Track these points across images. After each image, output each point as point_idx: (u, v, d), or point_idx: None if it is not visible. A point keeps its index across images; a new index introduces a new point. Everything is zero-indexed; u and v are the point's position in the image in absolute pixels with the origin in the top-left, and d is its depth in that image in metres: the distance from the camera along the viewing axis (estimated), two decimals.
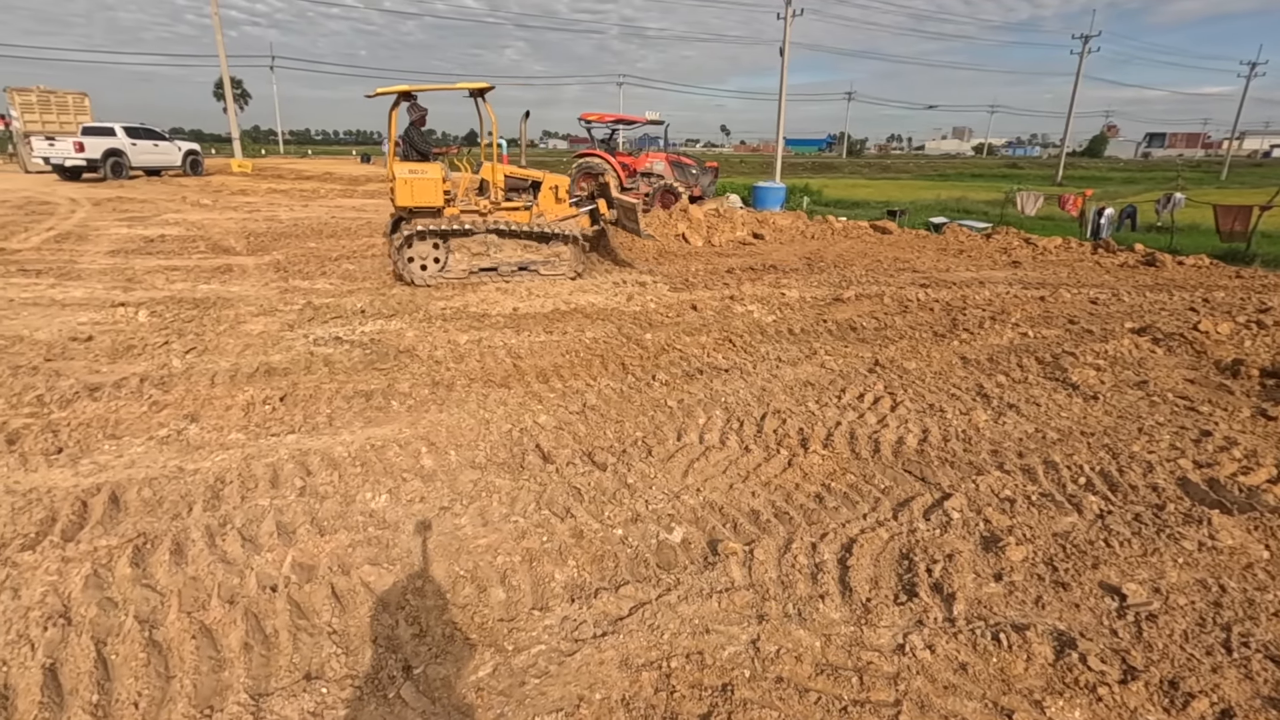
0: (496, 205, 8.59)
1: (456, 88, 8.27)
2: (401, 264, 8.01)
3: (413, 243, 7.97)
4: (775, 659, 2.29)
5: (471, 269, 8.29)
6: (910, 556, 2.88)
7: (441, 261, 8.19)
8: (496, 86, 8.11)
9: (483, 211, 8.48)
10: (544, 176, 9.11)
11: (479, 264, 8.31)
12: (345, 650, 2.34)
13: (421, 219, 8.03)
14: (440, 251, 8.15)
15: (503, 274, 8.46)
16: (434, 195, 8.04)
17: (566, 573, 2.79)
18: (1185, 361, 5.58)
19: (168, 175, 24.18)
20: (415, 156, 8.17)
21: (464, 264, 8.24)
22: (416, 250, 8.03)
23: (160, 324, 6.14)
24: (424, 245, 8.05)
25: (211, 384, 4.74)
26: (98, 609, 2.46)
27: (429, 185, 7.98)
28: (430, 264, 8.14)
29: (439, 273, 8.18)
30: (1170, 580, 2.72)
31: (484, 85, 8.08)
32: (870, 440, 4.04)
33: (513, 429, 4.12)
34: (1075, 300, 7.92)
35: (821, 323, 6.75)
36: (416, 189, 7.95)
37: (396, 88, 8.04)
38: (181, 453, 3.74)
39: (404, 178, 7.91)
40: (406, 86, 8.08)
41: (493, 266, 8.39)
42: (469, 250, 8.23)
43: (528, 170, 9.27)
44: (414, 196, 7.97)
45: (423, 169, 8.00)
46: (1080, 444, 4.02)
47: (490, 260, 8.36)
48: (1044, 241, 12.10)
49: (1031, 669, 2.25)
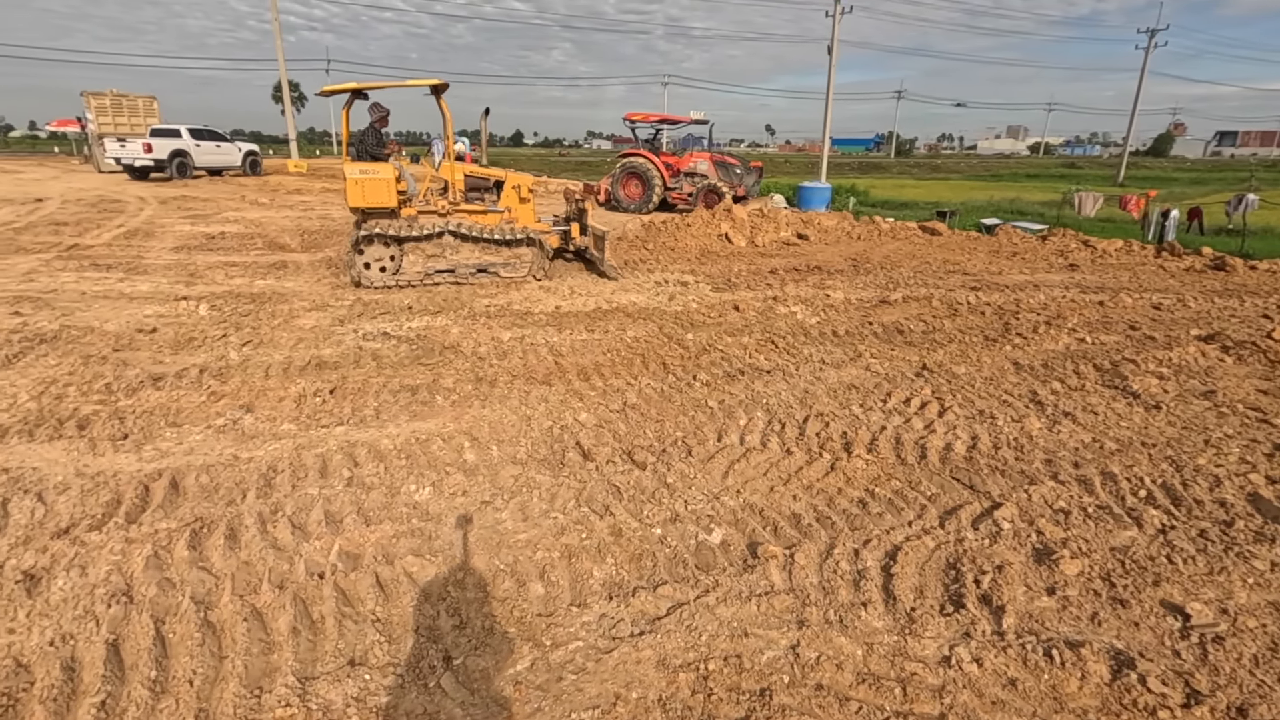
0: (455, 206, 8.36)
1: (412, 84, 8.00)
2: (356, 268, 7.78)
3: (364, 247, 7.76)
4: (815, 665, 2.25)
5: (427, 271, 8.03)
6: (957, 566, 2.80)
7: (396, 264, 7.93)
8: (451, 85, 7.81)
9: (441, 212, 8.23)
10: (506, 175, 8.89)
11: (435, 266, 8.07)
12: (388, 638, 2.39)
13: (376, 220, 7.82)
14: (394, 252, 7.89)
15: (459, 276, 8.21)
16: (386, 196, 7.78)
17: (605, 570, 2.79)
18: (1257, 371, 5.29)
19: (228, 175, 25.15)
20: (367, 157, 7.90)
21: (419, 266, 7.98)
22: (369, 253, 7.79)
23: (219, 317, 6.38)
24: (378, 248, 7.80)
25: (266, 376, 4.90)
26: (157, 589, 2.57)
27: (380, 185, 7.72)
28: (385, 264, 7.90)
29: (393, 276, 7.94)
30: (1239, 601, 2.57)
31: (439, 82, 7.79)
32: (917, 446, 3.94)
33: (554, 426, 4.15)
34: (1137, 305, 7.58)
35: (867, 325, 6.61)
36: (368, 189, 7.70)
37: (347, 85, 7.82)
38: (237, 441, 3.87)
39: (354, 178, 7.65)
40: (357, 84, 7.82)
41: (449, 269, 8.16)
42: (424, 253, 7.98)
43: (489, 169, 9.03)
44: (365, 197, 7.72)
45: (374, 169, 7.72)
46: (1141, 455, 3.84)
47: (447, 262, 8.11)
48: (1104, 244, 11.63)
49: (1086, 688, 2.16)
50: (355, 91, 7.85)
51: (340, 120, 8.23)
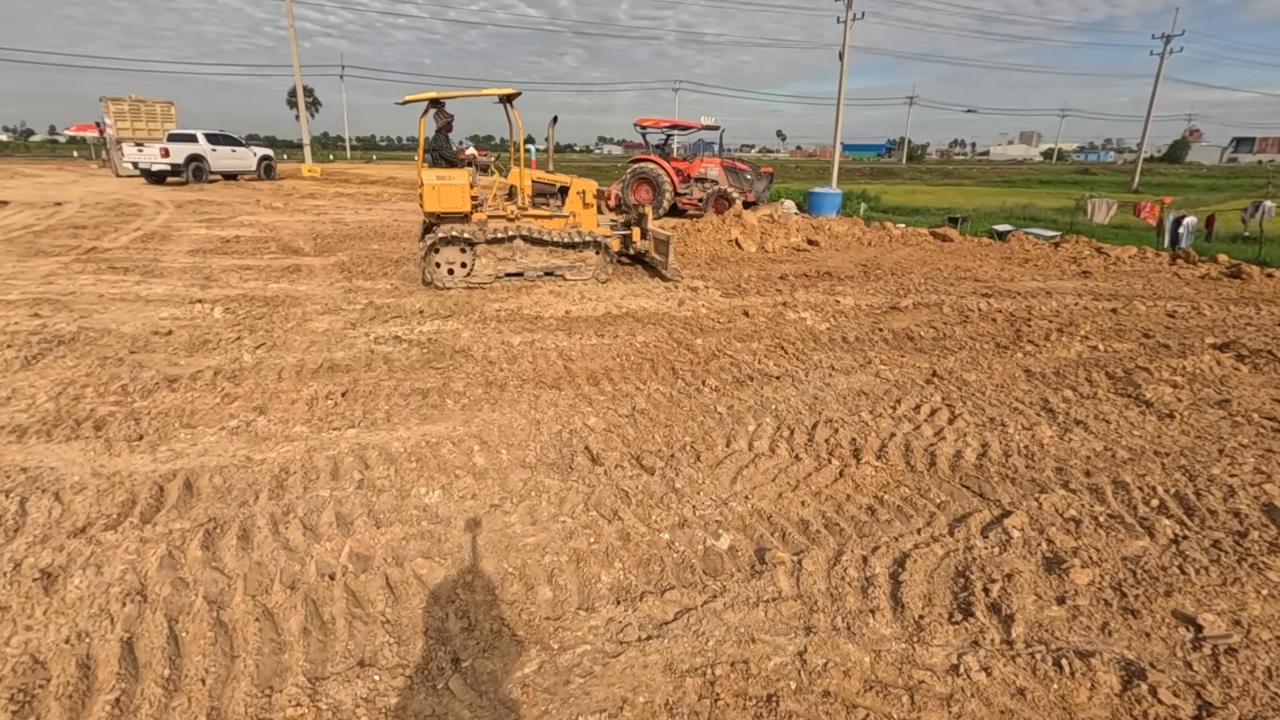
0: (524, 210, 8.64)
1: (486, 94, 8.36)
2: (429, 269, 8.10)
3: (439, 250, 8.08)
4: (822, 672, 2.24)
5: (497, 274, 8.35)
6: (966, 574, 2.79)
7: (468, 266, 8.25)
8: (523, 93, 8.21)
9: (510, 216, 8.51)
10: (571, 181, 9.14)
11: (505, 269, 8.38)
12: (397, 640, 2.41)
13: (449, 224, 8.14)
14: (467, 256, 8.22)
15: (528, 278, 8.49)
16: (461, 201, 8.15)
17: (613, 575, 2.80)
18: (1273, 380, 5.23)
19: (244, 179, 25.43)
20: (443, 163, 8.30)
21: (490, 269, 8.30)
22: (444, 255, 8.12)
23: (233, 320, 6.46)
24: (451, 250, 8.14)
25: (279, 378, 4.96)
26: (171, 588, 2.60)
27: (456, 191, 8.09)
28: (458, 268, 8.22)
29: (465, 278, 8.25)
30: (1253, 613, 2.55)
31: (511, 91, 8.18)
32: (926, 453, 3.93)
33: (563, 430, 4.17)
34: (1151, 313, 7.52)
35: (877, 331, 6.60)
36: (444, 194, 8.07)
37: (426, 95, 8.11)
38: (250, 443, 3.92)
39: (431, 184, 8.03)
40: (436, 94, 8.14)
41: (519, 271, 8.45)
42: (495, 255, 8.30)
43: (555, 175, 9.30)
44: (441, 202, 8.08)
45: (450, 175, 8.12)
46: (1154, 464, 3.81)
47: (516, 265, 8.42)
48: (1117, 251, 11.54)
49: (1096, 698, 2.14)
50: (433, 101, 8.16)
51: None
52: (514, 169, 8.72)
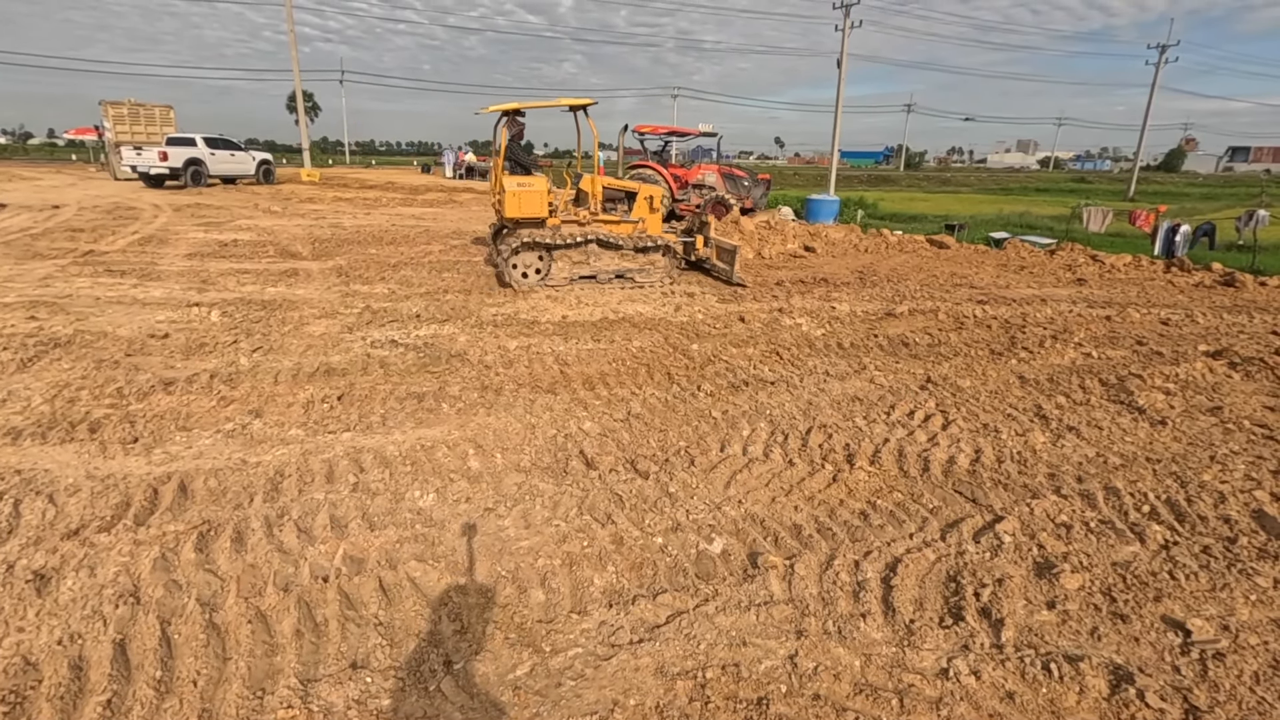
0: (595, 216, 8.94)
1: (562, 103, 8.73)
2: (508, 272, 8.41)
3: (519, 254, 8.42)
4: (813, 675, 2.26)
5: (572, 277, 8.69)
6: (958, 579, 2.80)
7: (544, 270, 8.59)
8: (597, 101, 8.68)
9: (582, 221, 8.81)
10: (639, 188, 9.42)
11: (579, 272, 8.73)
12: (390, 642, 2.41)
13: (526, 230, 8.46)
14: (544, 261, 8.57)
15: (600, 281, 8.82)
16: (540, 207, 8.45)
17: (605, 578, 2.81)
18: (1265, 388, 5.26)
19: (242, 183, 25.44)
20: (521, 170, 8.66)
21: (565, 272, 8.65)
22: (521, 259, 8.46)
23: (230, 324, 6.46)
24: (529, 255, 8.48)
25: (275, 382, 4.96)
26: (164, 590, 2.60)
27: (535, 197, 8.40)
28: (532, 273, 8.56)
29: (541, 281, 8.58)
30: (1241, 618, 2.56)
31: (586, 101, 8.59)
32: (919, 458, 3.95)
33: (558, 434, 4.18)
34: (1144, 320, 7.56)
35: (872, 337, 6.62)
36: (524, 201, 8.36)
37: (506, 105, 8.57)
38: (245, 446, 3.92)
39: (513, 191, 8.31)
40: (516, 104, 8.60)
41: (591, 275, 8.78)
42: (570, 259, 8.64)
43: (624, 182, 9.66)
44: (521, 208, 8.37)
45: (530, 182, 8.43)
46: (1145, 470, 3.83)
47: (590, 269, 8.76)
48: (1112, 259, 11.60)
49: (1084, 702, 2.16)
50: (513, 110, 8.66)
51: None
52: (585, 175, 9.11)
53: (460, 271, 9.54)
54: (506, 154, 8.68)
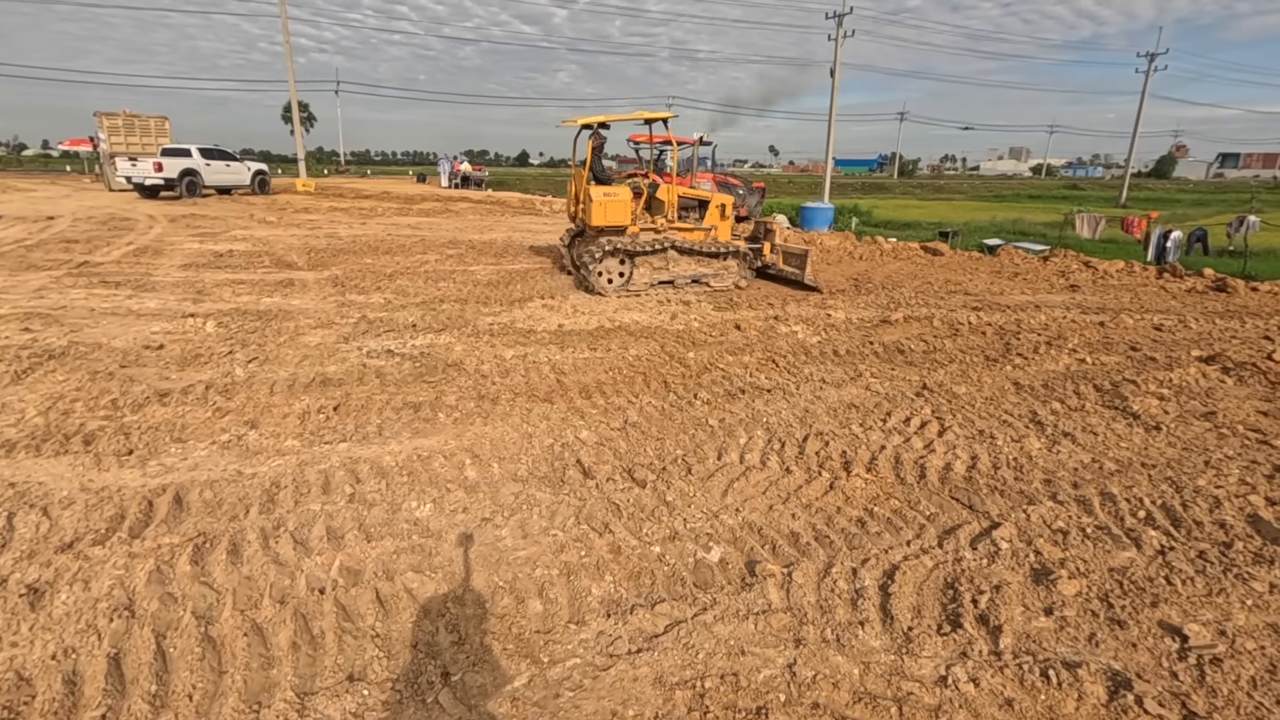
0: (671, 223, 9.33)
1: (644, 116, 9.22)
2: (593, 278, 8.73)
3: (603, 260, 8.74)
4: (812, 684, 2.25)
5: (652, 282, 9.07)
6: (955, 586, 2.80)
7: (626, 275, 8.93)
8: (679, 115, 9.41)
9: (658, 229, 9.22)
10: (711, 196, 9.85)
11: (659, 277, 9.11)
12: (387, 654, 2.40)
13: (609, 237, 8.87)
14: (625, 266, 8.92)
15: (677, 285, 9.21)
16: (624, 215, 8.91)
17: (603, 588, 2.80)
18: (1258, 392, 5.29)
19: (237, 194, 25.44)
20: (606, 181, 9.18)
21: (646, 277, 9.01)
22: (604, 265, 8.79)
23: (226, 334, 6.45)
24: (612, 261, 8.84)
25: (271, 392, 4.95)
26: (159, 603, 2.59)
27: (620, 206, 8.84)
28: (615, 278, 8.92)
29: (623, 286, 8.91)
30: (1238, 623, 2.57)
31: (665, 115, 9.04)
32: (916, 465, 3.95)
33: (554, 443, 4.18)
34: (1138, 326, 7.60)
35: (868, 345, 6.64)
36: (610, 209, 8.78)
37: (590, 119, 9.03)
38: (241, 457, 3.91)
39: (599, 200, 8.71)
40: (601, 117, 9.07)
41: (670, 279, 9.16)
42: (651, 265, 9.01)
43: (697, 191, 10.14)
44: (607, 216, 8.79)
45: (615, 192, 8.89)
46: (1140, 476, 3.85)
47: (669, 274, 9.14)
48: (1105, 265, 11.68)
49: (1083, 709, 2.16)
50: (600, 124, 9.13)
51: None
52: (663, 185, 9.54)
53: (456, 281, 9.54)
54: (592, 166, 9.10)
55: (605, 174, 9.32)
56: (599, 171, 9.22)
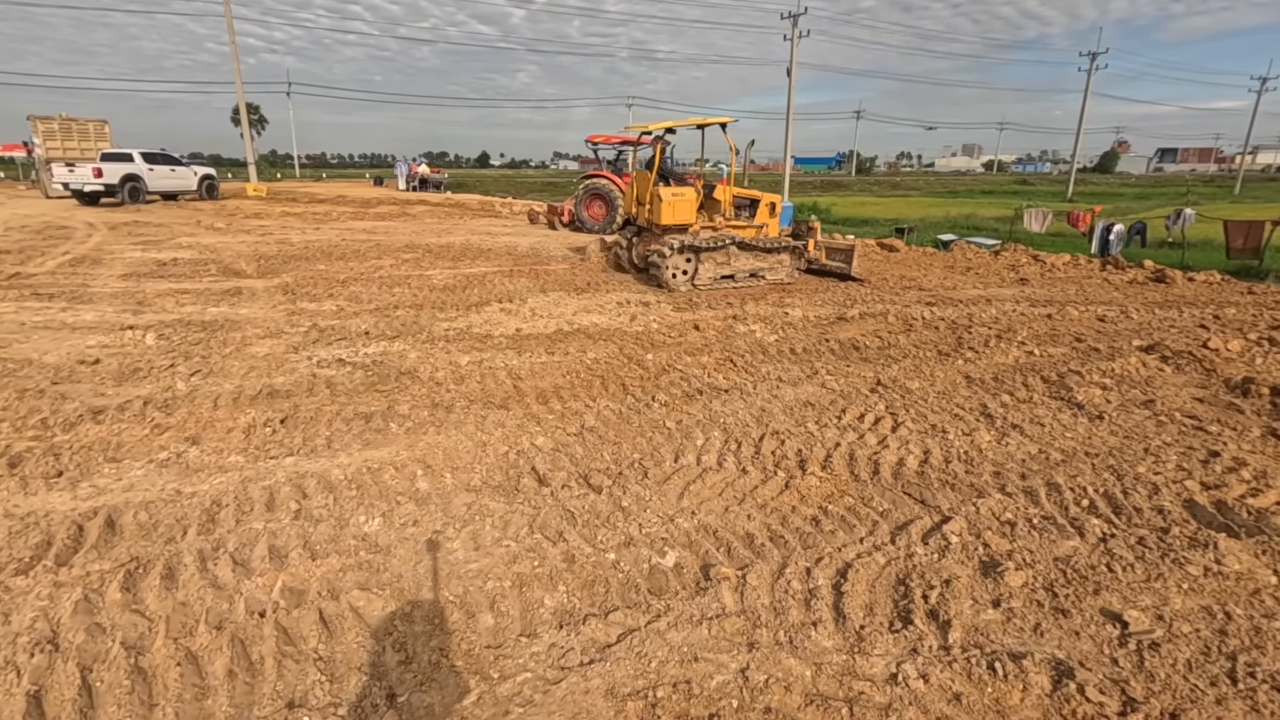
0: (728, 221, 9.92)
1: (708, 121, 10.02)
2: (665, 275, 9.23)
3: (671, 257, 9.17)
4: (764, 688, 2.24)
5: (715, 276, 9.52)
6: (907, 582, 2.83)
7: (691, 271, 9.37)
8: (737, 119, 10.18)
9: (716, 227, 9.77)
10: (762, 195, 10.43)
11: (721, 272, 9.57)
12: (330, 677, 2.32)
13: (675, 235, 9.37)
14: (690, 263, 9.36)
15: (737, 280, 9.65)
16: (691, 214, 9.53)
17: (556, 598, 2.76)
18: (1194, 380, 5.50)
19: (184, 200, 24.62)
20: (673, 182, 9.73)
21: (710, 272, 9.45)
22: (671, 261, 9.20)
23: (167, 347, 6.21)
24: (679, 258, 9.27)
25: (214, 406, 4.77)
26: (85, 635, 2.46)
27: (687, 205, 9.48)
28: (681, 274, 9.35)
29: (689, 280, 9.36)
30: (1174, 607, 2.65)
31: (727, 119, 9.81)
32: (870, 462, 4.00)
33: (509, 451, 4.11)
34: (1083, 318, 7.84)
35: (824, 342, 6.71)
36: (678, 208, 9.39)
37: (659, 124, 9.77)
38: (180, 476, 3.75)
39: (669, 200, 9.31)
40: (670, 122, 9.80)
41: (730, 274, 9.62)
42: (714, 260, 9.45)
43: (750, 190, 10.75)
44: (675, 215, 9.38)
45: (682, 192, 9.48)
46: (1084, 465, 3.95)
47: (730, 269, 9.60)
48: (1052, 258, 12.03)
49: (1028, 700, 2.19)
50: (668, 129, 9.79)
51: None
52: (719, 185, 10.10)
53: (412, 286, 9.37)
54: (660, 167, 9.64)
55: (673, 175, 9.79)
56: (666, 173, 9.69)
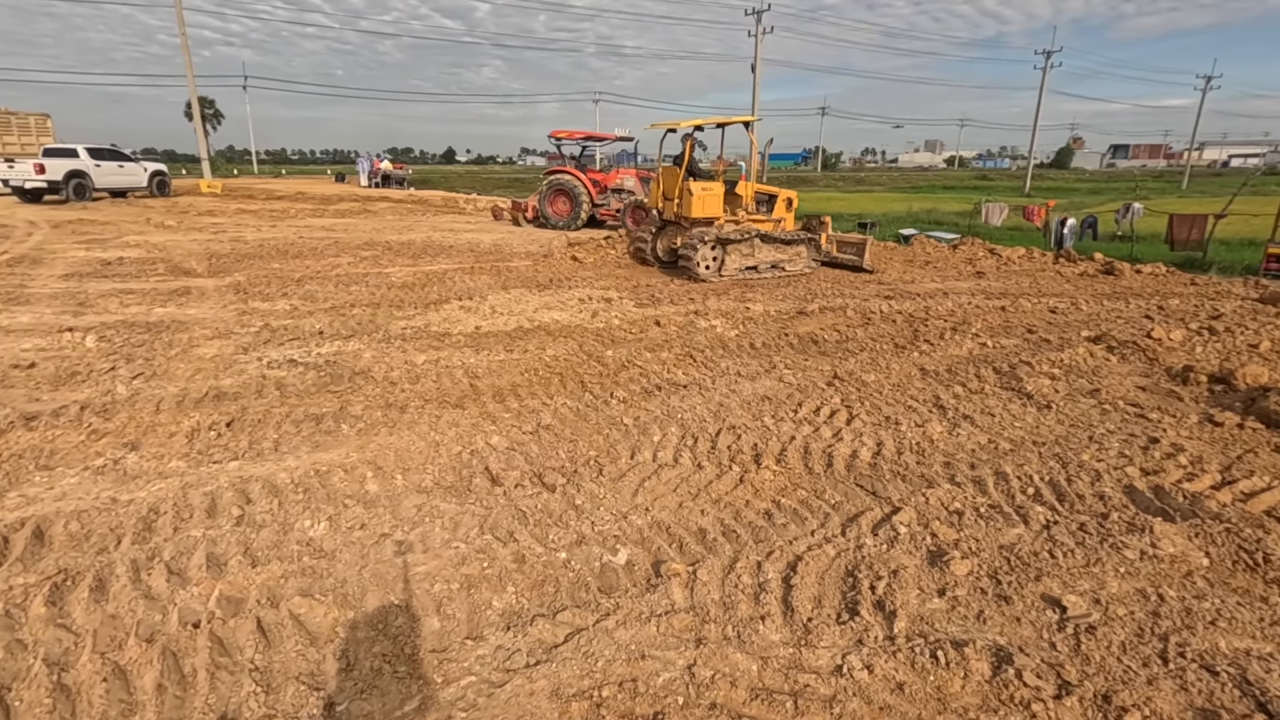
0: (750, 215, 10.43)
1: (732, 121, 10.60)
2: (696, 266, 9.65)
3: (700, 249, 9.62)
4: (710, 684, 2.24)
5: (740, 268, 9.99)
6: (855, 574, 2.85)
7: (718, 263, 9.84)
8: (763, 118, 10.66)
9: (738, 221, 10.27)
10: (779, 191, 10.93)
11: (745, 264, 10.04)
12: (266, 688, 2.25)
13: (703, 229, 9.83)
14: (717, 255, 9.82)
15: (759, 271, 10.14)
16: (718, 208, 10.05)
17: (505, 600, 2.72)
18: (1138, 369, 5.66)
19: (133, 197, 23.80)
20: (702, 177, 10.20)
21: (736, 263, 9.93)
22: (700, 254, 9.63)
23: (109, 349, 5.99)
24: (707, 250, 9.72)
25: (157, 410, 4.61)
26: (4, 652, 2.35)
27: (715, 200, 9.99)
28: (711, 264, 9.80)
29: (717, 271, 9.82)
30: (1111, 590, 2.71)
31: (751, 118, 10.48)
32: (824, 455, 4.03)
33: (463, 451, 4.05)
34: (1035, 310, 8.03)
35: (784, 336, 6.76)
36: (707, 202, 9.90)
37: (687, 121, 10.34)
38: (116, 483, 3.61)
39: (699, 194, 9.80)
40: (698, 120, 10.34)
41: (753, 265, 10.11)
42: (740, 252, 9.92)
43: (769, 186, 11.33)
44: (705, 209, 9.89)
45: (710, 187, 9.95)
46: (1032, 454, 4.04)
47: (753, 260, 10.10)
48: (1008, 252, 12.30)
49: (968, 687, 2.22)
50: (697, 126, 10.39)
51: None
52: (741, 181, 10.58)
53: (369, 284, 9.19)
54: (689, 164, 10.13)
55: (701, 171, 10.30)
56: (695, 168, 10.19)
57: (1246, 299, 8.54)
